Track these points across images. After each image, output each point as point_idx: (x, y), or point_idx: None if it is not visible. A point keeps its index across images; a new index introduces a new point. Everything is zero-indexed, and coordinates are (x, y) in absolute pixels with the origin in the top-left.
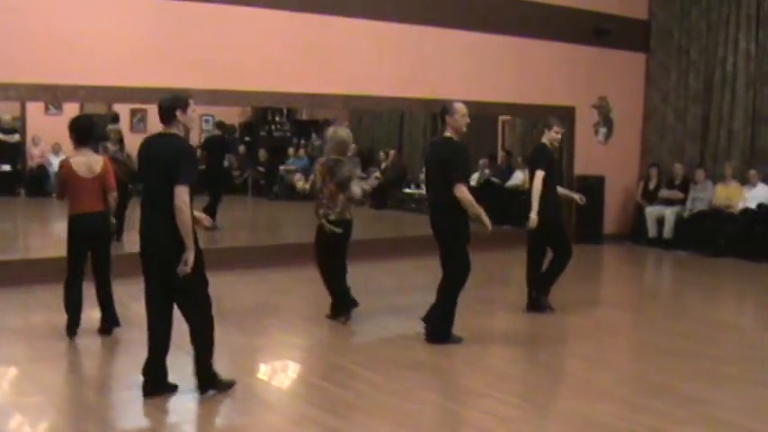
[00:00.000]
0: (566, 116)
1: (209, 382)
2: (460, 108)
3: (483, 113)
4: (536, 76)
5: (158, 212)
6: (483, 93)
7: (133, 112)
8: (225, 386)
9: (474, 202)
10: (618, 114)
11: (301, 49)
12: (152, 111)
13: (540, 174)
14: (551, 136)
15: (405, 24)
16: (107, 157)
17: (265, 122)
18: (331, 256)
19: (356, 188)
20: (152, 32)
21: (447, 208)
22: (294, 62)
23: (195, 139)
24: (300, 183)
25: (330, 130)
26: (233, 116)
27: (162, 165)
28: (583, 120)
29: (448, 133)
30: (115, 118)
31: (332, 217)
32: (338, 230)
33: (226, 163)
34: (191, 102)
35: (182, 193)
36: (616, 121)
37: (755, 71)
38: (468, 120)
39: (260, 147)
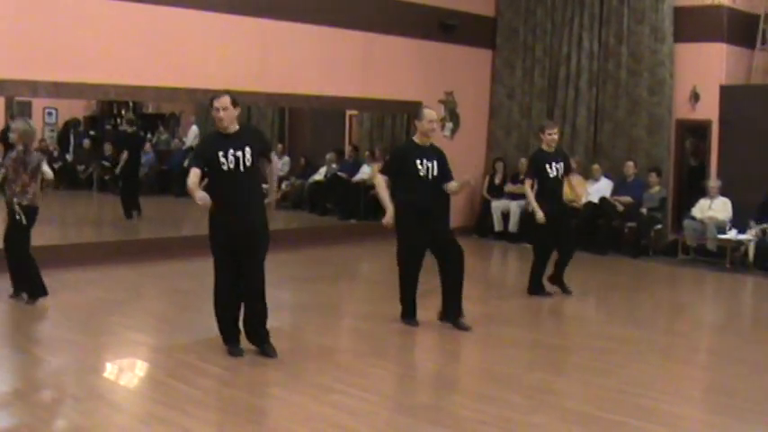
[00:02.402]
0: (412, 111)
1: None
2: (427, 114)
3: (330, 108)
4: (383, 71)
5: None
6: (330, 87)
7: None
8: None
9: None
10: (464, 110)
11: (147, 41)
12: None
13: (527, 182)
14: (546, 138)
15: (252, 18)
16: None
17: (111, 116)
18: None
19: (47, 170)
20: None
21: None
22: (140, 55)
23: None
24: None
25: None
26: (79, 109)
27: None
28: None
29: (414, 136)
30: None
31: (24, 203)
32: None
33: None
34: (213, 101)
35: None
36: (462, 116)
37: (598, 69)
38: (433, 126)
39: (105, 141)
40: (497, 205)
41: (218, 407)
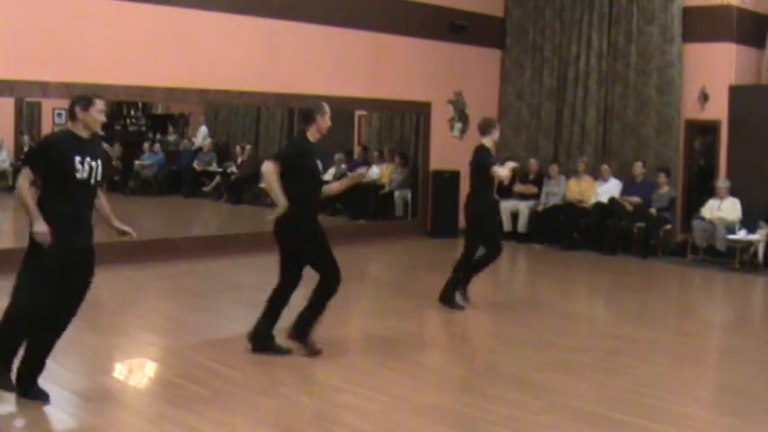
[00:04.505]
0: (421, 112)
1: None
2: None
3: (339, 108)
4: (392, 71)
5: None
6: (339, 88)
7: None
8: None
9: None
10: (473, 110)
11: (157, 42)
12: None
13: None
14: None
15: (261, 18)
16: None
17: (120, 116)
18: None
19: None
20: (4, 23)
21: None
22: (150, 55)
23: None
24: None
25: None
26: None
27: None
28: (438, 115)
29: (308, 132)
30: None
31: None
32: None
33: None
34: (96, 100)
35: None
36: (471, 116)
37: (607, 69)
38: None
39: (115, 141)
40: (506, 205)
41: (228, 407)
